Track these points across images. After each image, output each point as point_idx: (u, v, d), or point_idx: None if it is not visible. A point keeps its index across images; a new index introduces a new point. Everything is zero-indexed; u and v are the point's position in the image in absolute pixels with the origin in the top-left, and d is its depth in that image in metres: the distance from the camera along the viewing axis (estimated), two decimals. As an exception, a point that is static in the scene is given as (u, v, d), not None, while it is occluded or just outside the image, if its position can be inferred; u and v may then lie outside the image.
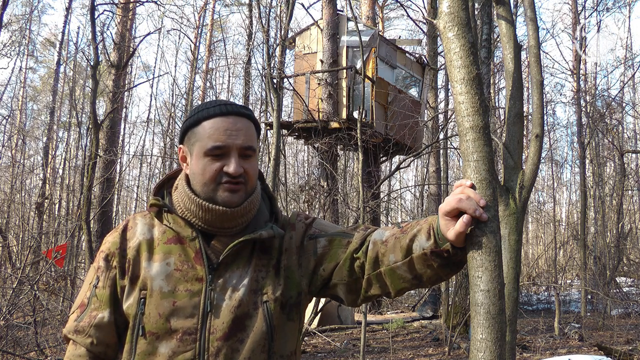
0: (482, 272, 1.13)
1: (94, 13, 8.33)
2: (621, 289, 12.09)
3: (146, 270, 1.29)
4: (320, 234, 1.36)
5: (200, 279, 1.27)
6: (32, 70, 27.16)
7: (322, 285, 1.35)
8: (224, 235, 1.31)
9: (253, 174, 1.31)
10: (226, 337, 1.24)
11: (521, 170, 3.27)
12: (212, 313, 1.24)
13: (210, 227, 1.30)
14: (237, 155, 1.27)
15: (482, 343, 1.14)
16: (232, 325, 1.24)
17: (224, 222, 1.30)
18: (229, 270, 1.28)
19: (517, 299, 3.19)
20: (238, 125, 1.28)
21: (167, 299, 1.25)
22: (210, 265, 1.28)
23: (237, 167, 1.26)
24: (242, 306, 1.26)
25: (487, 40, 5.86)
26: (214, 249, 1.30)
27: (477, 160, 1.18)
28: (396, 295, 1.29)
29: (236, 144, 1.27)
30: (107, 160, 12.62)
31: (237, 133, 1.27)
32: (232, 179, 1.27)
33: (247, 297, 1.27)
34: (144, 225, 1.35)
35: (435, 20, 1.29)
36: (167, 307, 1.24)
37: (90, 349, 1.31)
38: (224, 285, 1.27)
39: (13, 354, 5.21)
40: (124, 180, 22.86)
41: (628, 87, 17.05)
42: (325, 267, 1.32)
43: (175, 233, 1.31)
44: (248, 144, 1.28)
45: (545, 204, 22.63)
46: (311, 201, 10.28)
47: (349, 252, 1.30)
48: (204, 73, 22.24)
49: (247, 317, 1.26)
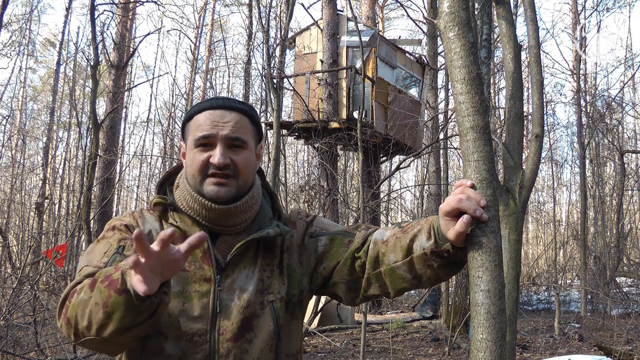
0: (482, 272, 1.13)
1: (94, 13, 8.34)
2: (621, 289, 12.09)
3: None
4: (321, 232, 1.35)
5: (208, 280, 1.25)
6: (32, 70, 27.20)
7: (322, 284, 1.34)
8: (228, 234, 1.29)
9: (243, 167, 1.27)
10: (236, 338, 1.22)
11: (521, 170, 3.27)
12: (221, 314, 1.23)
13: (214, 225, 1.28)
14: (223, 146, 1.25)
15: (483, 343, 1.14)
16: (241, 326, 1.23)
17: (229, 220, 1.28)
18: (236, 270, 1.27)
19: (517, 299, 3.19)
20: (226, 117, 1.27)
21: (176, 299, 1.22)
22: (218, 266, 1.26)
23: (220, 157, 1.23)
24: (250, 306, 1.25)
25: (487, 40, 5.85)
26: (219, 248, 1.28)
27: (478, 160, 1.18)
28: (395, 295, 1.29)
29: (222, 134, 1.25)
30: (107, 160, 12.62)
31: (224, 124, 1.26)
32: (218, 170, 1.24)
33: (254, 297, 1.26)
34: (154, 221, 1.31)
35: (435, 20, 1.29)
36: (176, 307, 1.22)
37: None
38: (232, 285, 1.26)
39: (13, 354, 5.20)
40: (124, 180, 22.87)
41: (628, 87, 17.04)
42: (326, 266, 1.32)
43: (183, 232, 1.28)
44: (235, 135, 1.26)
45: (545, 204, 22.64)
46: (311, 201, 10.29)
47: (351, 251, 1.29)
48: (204, 73, 22.24)
49: (254, 318, 1.25)
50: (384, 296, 1.30)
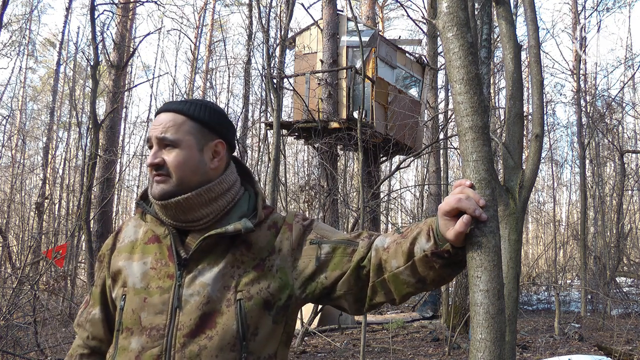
0: (481, 272, 1.13)
1: (94, 13, 8.34)
2: (621, 289, 12.09)
3: (126, 269, 1.33)
4: (323, 240, 1.34)
5: (171, 276, 1.28)
6: (32, 70, 27.17)
7: (322, 293, 1.32)
8: (196, 231, 1.31)
9: (174, 165, 1.29)
10: (193, 334, 1.23)
11: (521, 170, 3.27)
12: (179, 309, 1.25)
13: (177, 222, 1.32)
14: (157, 147, 1.31)
15: (482, 343, 1.14)
16: (199, 321, 1.24)
17: (185, 215, 1.30)
18: (199, 266, 1.28)
19: (517, 299, 3.19)
20: (161, 119, 1.32)
21: (139, 295, 1.28)
22: (179, 262, 1.29)
23: (149, 159, 1.30)
24: (211, 303, 1.25)
25: (487, 40, 5.86)
26: (187, 245, 1.31)
27: (476, 160, 1.18)
28: (401, 301, 1.28)
29: (154, 136, 1.31)
30: (107, 160, 12.62)
31: (157, 126, 1.31)
32: (154, 170, 1.30)
33: (217, 293, 1.26)
34: (133, 227, 1.41)
35: (434, 20, 1.29)
36: (138, 303, 1.27)
37: (86, 342, 1.41)
38: (193, 281, 1.27)
39: (13, 354, 5.20)
40: (124, 180, 22.87)
41: (628, 87, 17.04)
42: (328, 275, 1.30)
43: (153, 232, 1.35)
44: (162, 135, 1.30)
45: (545, 204, 22.63)
46: (311, 201, 10.28)
47: (355, 261, 1.28)
48: (204, 73, 22.25)
49: (217, 314, 1.25)
50: (389, 302, 1.30)
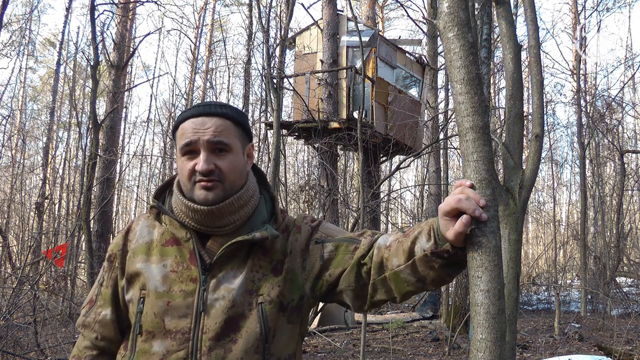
0: (482, 272, 1.13)
1: (94, 13, 8.34)
2: (621, 289, 12.10)
3: (145, 272, 1.31)
4: (327, 238, 1.36)
5: (194, 280, 1.29)
6: (32, 70, 27.20)
7: (327, 290, 1.35)
8: (219, 236, 1.32)
9: (228, 170, 1.30)
10: (218, 337, 1.25)
11: (521, 170, 3.27)
12: (204, 313, 1.26)
13: (203, 226, 1.31)
14: (207, 152, 1.29)
15: (482, 343, 1.14)
16: (225, 325, 1.26)
17: (214, 221, 1.30)
18: (223, 271, 1.29)
19: (517, 299, 3.19)
20: (207, 124, 1.30)
21: (161, 299, 1.27)
22: (203, 266, 1.29)
23: (203, 164, 1.27)
24: (235, 307, 1.27)
25: (487, 40, 5.85)
26: (209, 249, 1.31)
27: (477, 160, 1.18)
28: (402, 299, 1.29)
29: (203, 140, 1.29)
30: (107, 160, 12.62)
31: (205, 130, 1.29)
32: (204, 176, 1.28)
33: (241, 297, 1.28)
34: (146, 227, 1.39)
35: (435, 20, 1.29)
36: (161, 306, 1.27)
37: (95, 343, 1.39)
38: (218, 285, 1.28)
39: (13, 354, 5.20)
40: (124, 180, 22.87)
41: (628, 87, 17.04)
42: (332, 273, 1.33)
43: (172, 234, 1.34)
44: (217, 139, 1.29)
45: (545, 204, 22.63)
46: (311, 201, 10.28)
47: (357, 258, 1.30)
48: (204, 73, 22.24)
49: (241, 318, 1.27)
50: (390, 301, 1.31)
